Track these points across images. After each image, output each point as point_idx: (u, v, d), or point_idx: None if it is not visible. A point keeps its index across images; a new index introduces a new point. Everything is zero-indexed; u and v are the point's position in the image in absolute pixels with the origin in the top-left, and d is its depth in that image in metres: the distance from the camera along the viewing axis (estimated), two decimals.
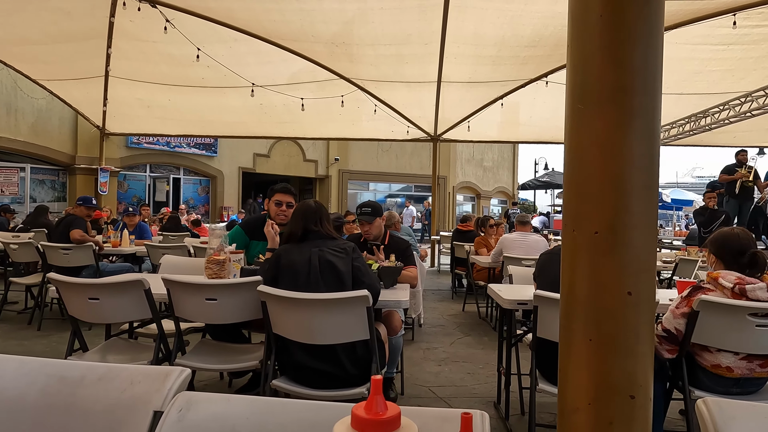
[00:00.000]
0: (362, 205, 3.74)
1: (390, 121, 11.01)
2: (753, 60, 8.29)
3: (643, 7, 0.75)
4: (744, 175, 8.53)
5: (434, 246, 11.82)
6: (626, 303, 0.78)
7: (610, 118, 0.79)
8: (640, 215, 0.79)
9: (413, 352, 4.59)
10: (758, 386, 2.36)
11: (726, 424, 0.85)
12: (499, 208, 25.76)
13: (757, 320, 2.17)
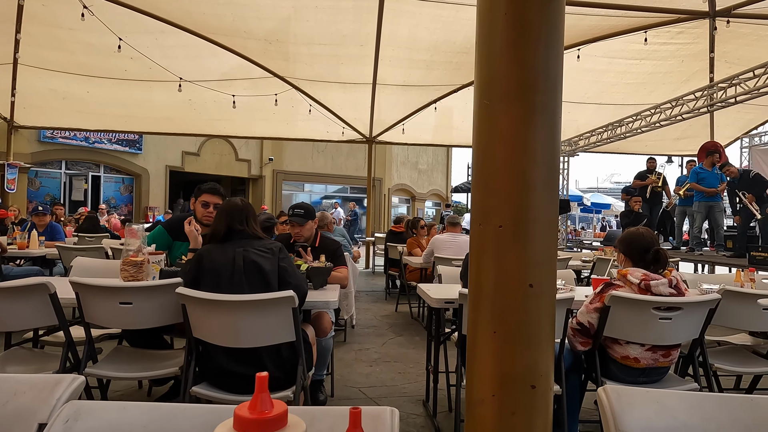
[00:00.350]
0: (295, 206, 3.67)
1: (325, 122, 10.92)
2: (662, 75, 9.00)
3: (545, 7, 0.77)
4: (653, 181, 9.22)
5: (369, 247, 11.85)
6: (528, 295, 0.80)
7: (515, 114, 0.81)
8: (541, 209, 0.82)
9: (345, 354, 4.56)
10: (662, 375, 2.54)
11: (623, 410, 0.90)
12: (433, 210, 26.28)
13: (660, 314, 2.34)
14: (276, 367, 2.28)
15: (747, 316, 2.82)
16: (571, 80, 9.21)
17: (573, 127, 11.13)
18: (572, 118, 11.01)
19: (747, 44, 7.69)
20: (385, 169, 21.72)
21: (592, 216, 30.43)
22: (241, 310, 2.20)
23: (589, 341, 2.49)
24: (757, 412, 0.92)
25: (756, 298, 2.76)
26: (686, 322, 2.41)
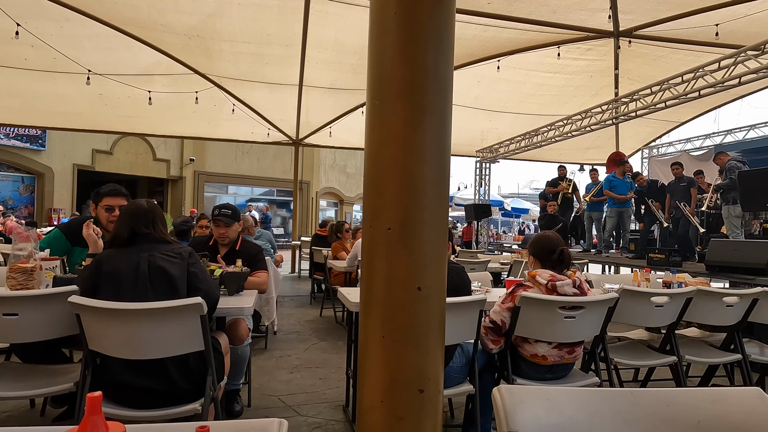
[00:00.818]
0: (222, 206, 3.52)
1: (250, 122, 10.63)
2: (573, 88, 9.60)
3: (435, 9, 0.78)
4: (564, 187, 9.82)
5: (294, 251, 11.65)
6: (416, 298, 0.80)
7: (404, 115, 0.81)
8: (431, 211, 0.82)
9: (265, 361, 4.42)
10: (567, 371, 2.68)
11: (515, 408, 0.92)
12: (361, 214, 26.34)
13: (565, 313, 2.47)
14: (183, 378, 2.16)
15: (642, 313, 3.05)
16: (492, 90, 9.62)
17: (495, 134, 11.62)
18: (493, 125, 11.50)
19: (646, 63, 8.40)
20: (313, 172, 21.50)
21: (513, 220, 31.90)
22: (144, 318, 2.05)
23: (500, 339, 2.57)
24: (636, 405, 0.98)
25: (649, 297, 3.00)
26: (589, 320, 2.56)
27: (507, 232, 31.66)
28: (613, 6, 6.60)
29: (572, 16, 7.01)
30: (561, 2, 6.59)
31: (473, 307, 2.38)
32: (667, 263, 6.75)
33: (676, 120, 11.08)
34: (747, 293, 3.18)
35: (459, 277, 2.55)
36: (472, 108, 10.52)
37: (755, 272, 5.37)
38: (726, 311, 3.20)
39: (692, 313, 3.17)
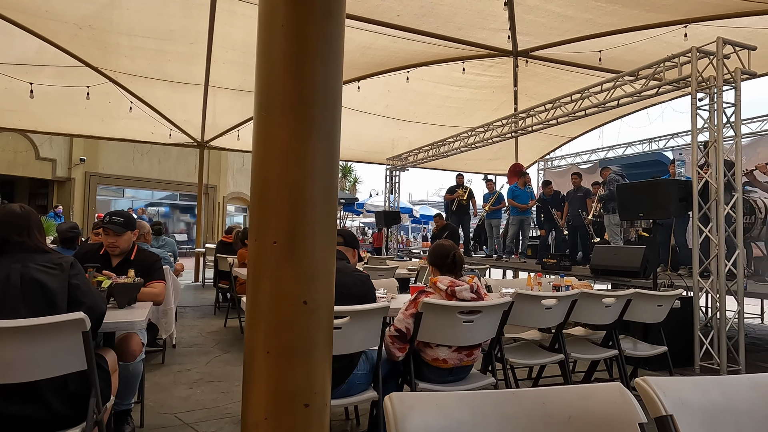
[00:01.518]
0: (114, 213, 3.25)
1: (150, 122, 9.99)
2: (477, 102, 10.12)
3: (323, 23, 0.79)
4: (460, 194, 10.31)
5: (198, 259, 11.10)
6: (302, 312, 0.80)
7: (291, 127, 0.81)
8: (318, 224, 0.82)
9: (162, 377, 4.16)
10: (466, 373, 2.80)
11: (405, 415, 0.94)
12: None
13: (464, 317, 2.58)
14: (62, 402, 1.96)
15: (534, 315, 3.27)
16: (402, 100, 9.87)
17: (405, 143, 11.91)
18: (403, 134, 11.79)
19: (541, 82, 9.07)
20: (220, 176, 20.64)
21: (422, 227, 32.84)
22: (14, 337, 1.84)
23: (406, 346, 2.63)
24: (516, 404, 1.04)
25: (540, 300, 3.23)
26: (486, 323, 2.70)
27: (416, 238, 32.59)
28: (512, 27, 7.07)
29: (475, 34, 7.40)
30: (465, 20, 6.93)
31: (377, 315, 2.41)
32: (559, 267, 7.30)
33: (567, 135, 12.06)
34: (622, 294, 3.53)
35: (364, 285, 2.58)
36: (383, 116, 10.72)
37: (631, 275, 5.97)
38: (605, 311, 3.53)
39: (577, 313, 3.46)
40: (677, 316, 4.76)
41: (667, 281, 5.40)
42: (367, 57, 7.98)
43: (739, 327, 4.74)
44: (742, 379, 1.20)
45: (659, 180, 5.52)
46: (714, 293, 4.83)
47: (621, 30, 6.78)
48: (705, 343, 4.75)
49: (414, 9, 6.53)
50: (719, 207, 4.82)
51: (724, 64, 4.82)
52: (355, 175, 28.68)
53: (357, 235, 17.31)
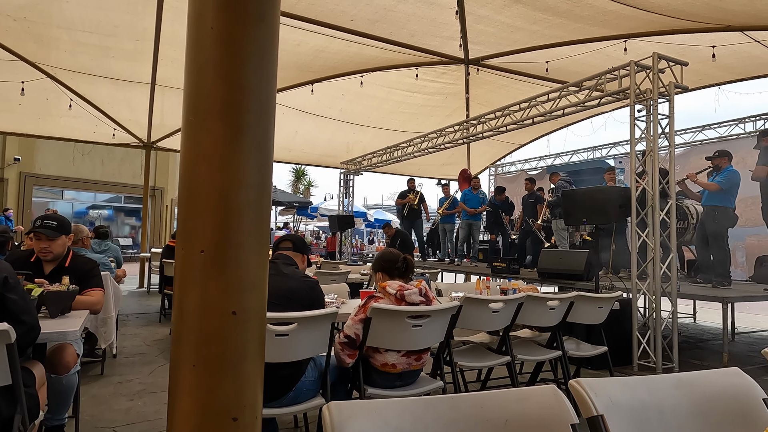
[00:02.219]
0: (46, 216, 3.06)
1: (91, 120, 9.53)
2: (430, 108, 10.26)
3: (255, 27, 0.77)
4: (411, 199, 10.43)
5: (143, 264, 10.67)
6: (231, 323, 0.78)
7: (219, 133, 0.79)
8: (248, 233, 0.80)
9: (100, 389, 3.96)
10: (415, 377, 2.81)
11: (344, 424, 0.93)
12: None
13: (413, 321, 2.59)
14: None
15: (482, 318, 3.34)
16: (357, 104, 9.88)
17: (359, 147, 11.92)
18: (358, 138, 11.80)
19: (492, 90, 9.31)
20: (168, 178, 19.94)
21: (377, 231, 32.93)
22: None
23: (356, 353, 2.62)
24: (455, 409, 1.05)
25: (488, 303, 3.29)
26: (434, 327, 2.73)
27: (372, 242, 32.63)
28: (463, 36, 7.22)
29: (428, 42, 7.51)
30: (418, 27, 7.02)
31: (325, 321, 2.39)
32: (508, 270, 7.49)
33: (517, 142, 12.42)
34: (565, 297, 3.66)
35: (312, 291, 2.55)
36: (337, 120, 10.69)
37: (576, 277, 6.20)
38: (550, 314, 3.65)
39: (523, 316, 3.55)
40: (618, 316, 4.98)
41: (608, 283, 5.64)
42: (321, 60, 7.94)
43: (673, 327, 5.01)
44: (668, 378, 1.26)
45: (600, 187, 5.77)
46: (650, 295, 5.08)
47: (566, 42, 7.05)
48: (642, 342, 4.99)
49: (368, 14, 6.56)
50: (655, 213, 5.08)
51: (659, 78, 5.11)
52: (309, 178, 28.44)
53: (311, 239, 17.14)
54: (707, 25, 5.98)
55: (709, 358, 5.67)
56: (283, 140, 11.77)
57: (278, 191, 16.40)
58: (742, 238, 8.39)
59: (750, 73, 7.85)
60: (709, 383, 1.26)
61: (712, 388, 1.25)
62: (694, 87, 8.24)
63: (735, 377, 1.27)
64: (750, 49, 6.56)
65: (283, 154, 12.64)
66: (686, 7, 5.46)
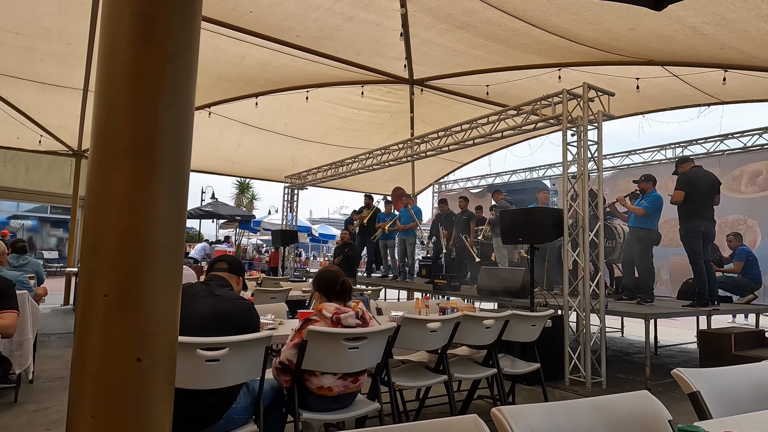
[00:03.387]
0: None
1: (14, 126, 8.93)
2: (376, 125, 10.37)
3: (171, 63, 0.76)
4: (364, 215, 10.46)
5: (70, 279, 10.02)
6: (135, 370, 0.74)
7: (128, 172, 0.76)
8: (158, 274, 0.77)
9: (13, 418, 3.66)
10: (351, 399, 2.79)
11: None
12: None
13: (349, 344, 2.58)
14: None
15: (420, 338, 3.37)
16: (302, 119, 9.83)
17: (305, 161, 11.84)
18: (303, 153, 11.73)
19: (436, 110, 9.54)
20: None
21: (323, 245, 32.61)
22: None
23: (291, 378, 2.57)
24: None
25: (425, 323, 3.33)
26: (371, 349, 2.72)
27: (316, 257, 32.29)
28: (408, 57, 7.37)
29: (374, 61, 7.61)
30: (364, 47, 7.10)
31: (257, 345, 2.33)
32: (449, 287, 7.63)
33: (459, 161, 12.76)
34: (500, 316, 3.76)
35: (246, 314, 2.48)
36: (281, 134, 10.58)
37: (513, 294, 6.40)
38: (486, 332, 3.73)
39: (460, 335, 3.61)
40: (552, 333, 5.18)
41: (542, 300, 5.86)
42: (266, 74, 7.86)
43: (601, 342, 5.26)
44: (584, 402, 1.32)
45: (535, 208, 6.02)
46: (581, 312, 5.32)
47: (506, 68, 7.36)
48: (573, 358, 5.20)
49: (314, 32, 6.57)
50: (584, 233, 5.35)
51: (589, 107, 5.42)
52: (254, 191, 27.85)
53: (253, 254, 16.73)
54: (631, 59, 6.42)
55: (634, 372, 5.98)
56: (226, 152, 11.52)
57: (220, 204, 15.95)
58: (666, 257, 8.97)
59: (670, 104, 8.49)
60: (620, 407, 1.33)
61: (624, 411, 1.32)
62: (621, 115, 8.81)
63: (644, 400, 1.35)
64: (669, 82, 7.11)
65: (225, 166, 12.35)
66: (612, 41, 5.85)
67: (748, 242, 7.76)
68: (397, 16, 6.16)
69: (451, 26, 6.30)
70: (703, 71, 6.43)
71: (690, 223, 6.14)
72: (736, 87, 6.85)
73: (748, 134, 8.33)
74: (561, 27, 5.69)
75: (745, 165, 8.28)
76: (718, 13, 4.51)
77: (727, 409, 1.66)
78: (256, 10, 6.05)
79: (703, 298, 6.05)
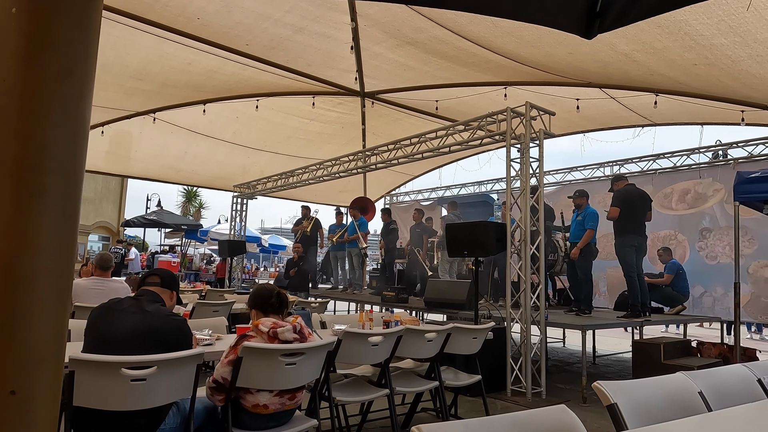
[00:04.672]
0: None
1: None
2: (327, 135, 10.34)
3: (61, 82, 0.73)
4: (304, 226, 10.37)
5: None
6: (9, 404, 0.70)
7: (10, 196, 0.72)
8: (40, 303, 0.74)
9: None
10: (289, 417, 2.73)
11: None
12: (100, 245, 22.97)
13: (286, 359, 2.53)
14: None
15: (362, 352, 3.36)
16: (252, 127, 9.69)
17: (255, 170, 11.64)
18: (253, 162, 11.53)
19: (387, 123, 9.63)
20: None
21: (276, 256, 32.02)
22: None
23: (225, 396, 2.50)
24: None
25: (367, 337, 3.33)
26: (309, 364, 2.69)
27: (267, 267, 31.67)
28: (359, 70, 7.42)
29: (325, 72, 7.61)
30: (315, 58, 7.10)
31: (188, 363, 2.25)
32: (397, 300, 7.66)
33: (411, 173, 12.91)
34: (442, 329, 3.81)
35: (179, 330, 2.40)
36: (230, 143, 10.38)
37: (459, 307, 6.50)
38: (428, 345, 3.77)
39: (403, 348, 3.63)
40: (495, 344, 5.29)
41: (486, 312, 5.98)
42: (214, 81, 7.70)
43: (541, 353, 5.42)
44: (504, 418, 1.35)
45: (480, 222, 6.16)
46: (522, 323, 5.47)
47: (454, 84, 7.54)
48: (515, 369, 5.33)
49: (263, 41, 6.51)
50: (526, 247, 5.52)
51: (531, 125, 5.63)
52: (201, 200, 27.06)
53: (199, 264, 16.23)
54: (572, 81, 6.73)
55: (573, 381, 6.19)
56: (172, 160, 11.17)
57: (165, 213, 15.39)
58: (604, 269, 9.37)
59: (608, 124, 8.94)
60: (539, 422, 1.37)
61: (542, 426, 1.36)
62: (563, 133, 9.19)
63: (561, 414, 1.39)
64: (607, 103, 7.49)
65: (171, 174, 11.96)
66: (553, 64, 6.12)
67: (678, 256, 8.24)
68: (348, 30, 6.20)
69: (401, 42, 6.40)
70: (637, 94, 6.82)
71: (624, 237, 6.46)
72: (666, 110, 7.30)
73: (678, 155, 8.88)
74: (505, 48, 5.90)
75: (676, 183, 8.81)
76: (647, 42, 4.81)
77: (643, 420, 1.75)
78: (204, 16, 5.94)
79: (636, 309, 6.36)
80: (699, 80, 5.77)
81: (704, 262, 8.19)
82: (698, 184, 8.46)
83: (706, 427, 1.67)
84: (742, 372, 2.25)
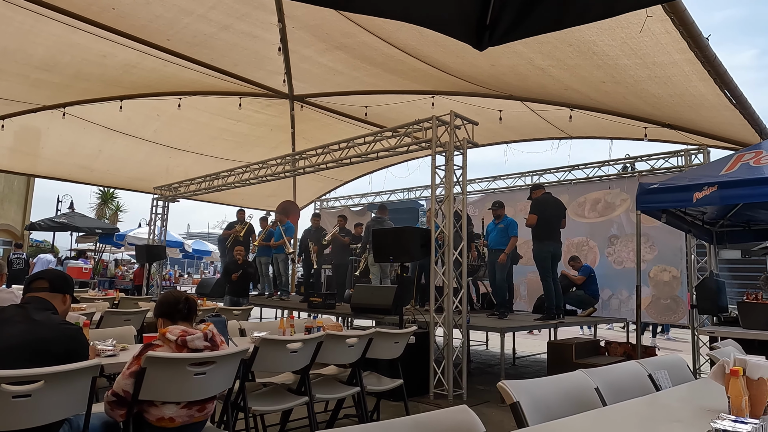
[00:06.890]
0: None
1: None
2: (256, 138, 10.10)
3: None
4: (237, 230, 10.06)
5: None
6: None
7: None
8: None
9: None
10: (198, 430, 2.60)
11: None
12: (1, 250, 20.93)
13: (195, 369, 2.41)
14: None
15: (281, 359, 3.28)
16: (174, 126, 9.26)
17: (178, 172, 11.12)
18: (176, 163, 11.02)
19: (317, 128, 9.54)
20: None
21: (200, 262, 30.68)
22: None
23: (126, 411, 2.33)
24: None
25: (285, 344, 3.25)
26: (221, 374, 2.57)
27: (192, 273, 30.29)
28: (287, 72, 7.31)
29: (253, 73, 7.43)
30: (242, 58, 6.91)
31: (82, 375, 2.08)
32: (324, 305, 7.58)
33: (341, 179, 12.87)
34: (363, 334, 3.80)
35: (72, 340, 2.21)
36: (151, 142, 9.85)
37: (385, 312, 6.53)
38: (349, 351, 3.75)
39: (324, 354, 3.58)
40: (419, 348, 5.37)
41: (411, 317, 6.05)
42: (132, 76, 7.28)
43: (463, 356, 5.55)
44: (406, 420, 1.35)
45: (405, 228, 6.24)
46: (445, 327, 5.59)
47: (383, 91, 7.61)
48: (438, 372, 5.42)
49: (186, 37, 6.24)
50: (449, 252, 5.66)
51: (456, 134, 5.79)
52: (119, 202, 25.43)
53: (115, 270, 15.20)
54: (495, 92, 7.01)
55: (493, 383, 6.38)
56: (83, 159, 10.43)
57: (77, 215, 14.30)
58: (525, 274, 9.79)
59: (529, 136, 9.39)
60: (439, 422, 1.38)
61: (442, 427, 1.38)
62: (486, 143, 9.55)
63: (461, 414, 1.42)
64: (528, 116, 7.87)
65: (83, 174, 11.16)
66: (477, 75, 6.34)
67: (589, 261, 8.78)
68: (276, 31, 6.09)
69: (330, 46, 6.37)
70: (554, 108, 7.22)
71: (541, 243, 6.79)
72: (581, 124, 7.78)
73: (591, 166, 9.49)
74: (432, 57, 6.04)
75: (588, 193, 9.40)
76: (560, 59, 5.10)
77: (543, 416, 1.82)
78: (120, 7, 5.61)
79: (551, 311, 6.69)
80: (607, 97, 6.20)
81: (612, 267, 8.78)
82: (608, 194, 9.07)
83: (599, 420, 1.77)
84: (635, 368, 2.42)
